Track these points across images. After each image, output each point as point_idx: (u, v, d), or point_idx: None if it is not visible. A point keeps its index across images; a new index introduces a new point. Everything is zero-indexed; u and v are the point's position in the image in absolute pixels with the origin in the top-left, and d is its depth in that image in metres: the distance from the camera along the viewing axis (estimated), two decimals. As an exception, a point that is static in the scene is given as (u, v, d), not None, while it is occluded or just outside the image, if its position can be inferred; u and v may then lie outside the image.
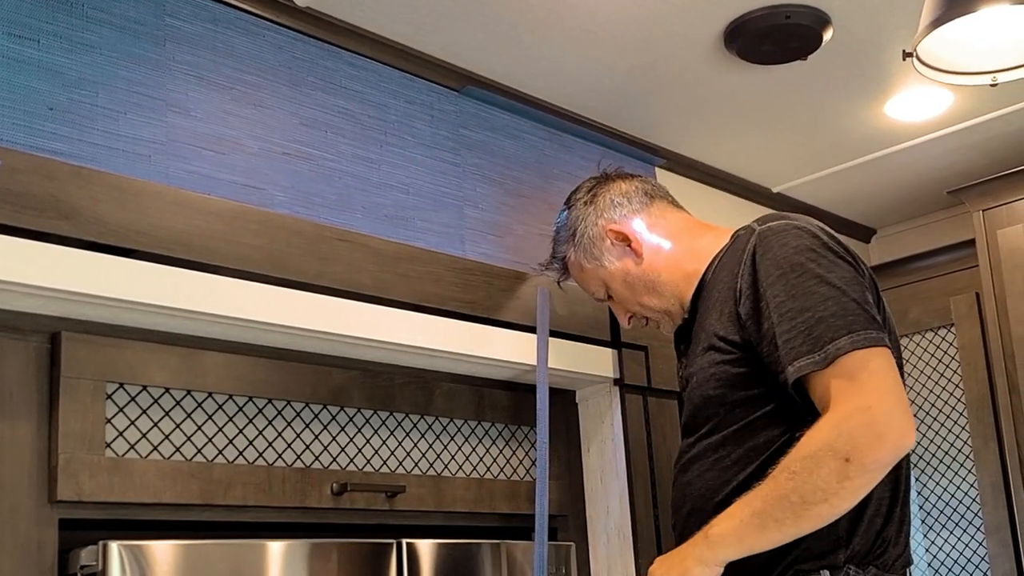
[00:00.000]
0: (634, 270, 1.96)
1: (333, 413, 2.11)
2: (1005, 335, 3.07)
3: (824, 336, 1.56)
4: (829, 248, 1.65)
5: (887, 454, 1.51)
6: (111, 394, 1.82)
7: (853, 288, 1.60)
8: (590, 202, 2.02)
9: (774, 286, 1.63)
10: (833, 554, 1.60)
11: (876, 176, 3.41)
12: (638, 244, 1.95)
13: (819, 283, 1.60)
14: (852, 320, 1.57)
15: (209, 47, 2.07)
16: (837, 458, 1.50)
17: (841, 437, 1.50)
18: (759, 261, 1.66)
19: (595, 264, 2.00)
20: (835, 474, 1.50)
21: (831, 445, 1.50)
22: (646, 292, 1.96)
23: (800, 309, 1.59)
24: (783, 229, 1.68)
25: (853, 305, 1.58)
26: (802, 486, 1.51)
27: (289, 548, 1.94)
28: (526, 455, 2.47)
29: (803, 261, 1.62)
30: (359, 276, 2.08)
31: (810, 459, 1.52)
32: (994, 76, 1.98)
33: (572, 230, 2.03)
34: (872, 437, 1.50)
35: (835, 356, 1.54)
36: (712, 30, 2.47)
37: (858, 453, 1.49)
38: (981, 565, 3.19)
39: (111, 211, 1.76)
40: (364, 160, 2.28)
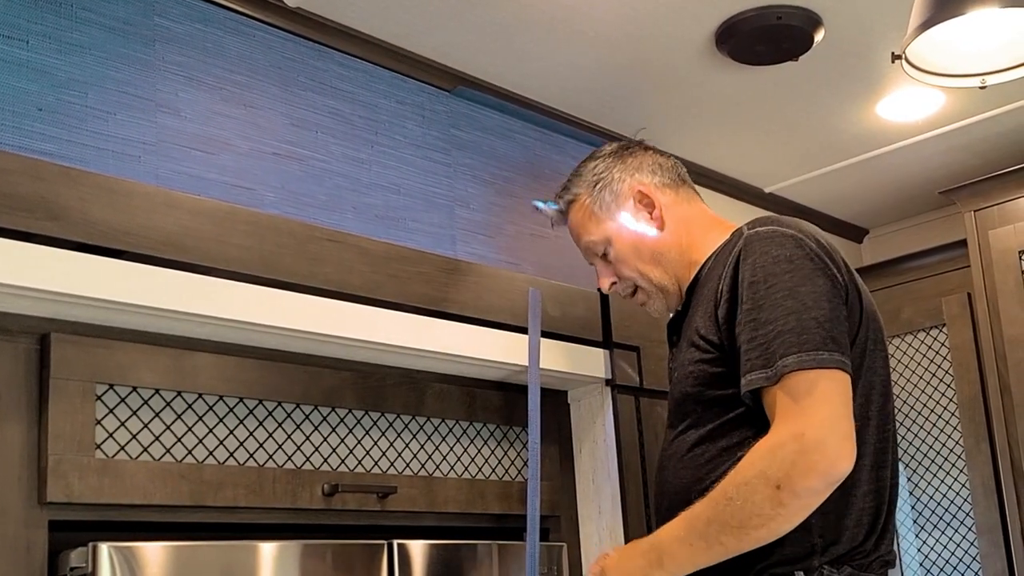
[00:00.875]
0: (647, 238, 1.92)
1: (324, 414, 2.11)
2: (997, 335, 3.08)
3: (777, 352, 1.57)
4: (810, 259, 1.64)
5: (817, 482, 1.52)
6: (101, 395, 1.81)
7: (821, 304, 1.59)
8: (621, 159, 1.97)
9: (746, 292, 1.64)
10: (808, 559, 1.61)
11: (868, 176, 3.42)
12: (659, 215, 1.91)
13: (786, 296, 1.60)
14: (807, 339, 1.56)
15: (199, 47, 2.07)
16: (769, 485, 1.52)
17: (773, 464, 1.53)
18: (741, 265, 1.67)
19: (608, 218, 1.95)
20: (768, 501, 1.53)
21: (764, 472, 1.53)
22: (651, 262, 1.92)
23: (764, 321, 1.60)
24: (768, 236, 1.67)
25: (813, 323, 1.57)
26: (739, 512, 1.55)
27: (280, 549, 1.93)
28: (518, 455, 2.47)
29: (777, 272, 1.62)
30: (350, 277, 2.08)
31: (745, 486, 1.55)
32: (983, 78, 1.99)
33: (595, 177, 1.97)
34: (803, 466, 1.51)
35: (782, 373, 1.55)
36: (703, 31, 2.47)
37: (789, 481, 1.51)
38: (973, 565, 3.19)
39: (100, 212, 1.75)
40: (355, 160, 2.28)
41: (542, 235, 2.65)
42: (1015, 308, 3.05)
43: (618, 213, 1.94)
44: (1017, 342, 3.03)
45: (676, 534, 1.63)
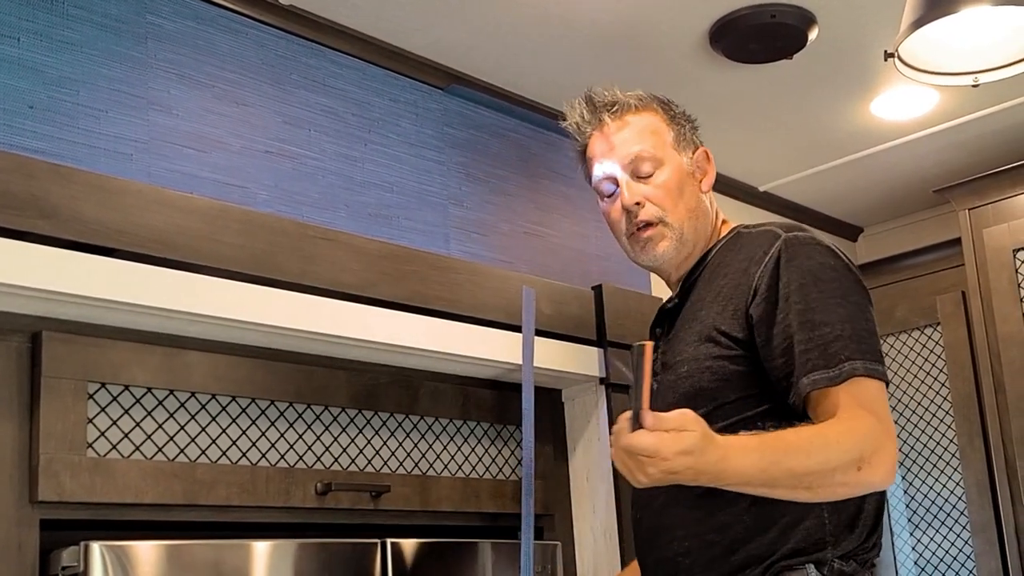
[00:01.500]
0: (696, 189, 1.86)
1: (317, 412, 2.11)
2: (991, 333, 3.08)
3: (840, 354, 1.58)
4: (849, 270, 1.68)
5: (881, 482, 1.54)
6: (93, 394, 1.80)
7: (868, 315, 1.64)
8: (691, 123, 1.91)
9: (796, 293, 1.63)
10: (819, 552, 1.61)
11: (862, 175, 3.42)
12: (709, 182, 1.88)
13: (839, 304, 1.62)
14: (867, 347, 1.60)
15: (191, 45, 2.06)
16: (856, 464, 1.51)
17: (868, 447, 1.52)
18: (784, 266, 1.66)
19: (675, 147, 1.85)
20: (845, 475, 1.51)
21: (860, 449, 1.52)
22: (688, 207, 1.82)
23: (820, 323, 1.60)
24: (810, 241, 1.70)
25: (866, 333, 1.61)
26: (820, 472, 1.50)
27: (273, 548, 1.93)
28: (512, 454, 2.47)
29: (827, 278, 1.64)
30: (343, 275, 2.07)
31: (843, 453, 1.51)
32: (976, 77, 1.99)
33: (674, 111, 1.89)
34: (883, 458, 1.53)
35: (849, 375, 1.56)
36: (698, 29, 2.47)
37: (868, 469, 1.52)
38: (967, 563, 3.19)
39: (92, 210, 1.75)
40: (348, 158, 2.28)
41: (536, 233, 2.64)
42: (1009, 306, 3.05)
43: (685, 150, 1.86)
44: (1011, 340, 3.03)
45: (747, 460, 1.48)
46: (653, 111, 1.88)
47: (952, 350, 3.28)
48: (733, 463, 1.47)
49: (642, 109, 1.87)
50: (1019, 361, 3.01)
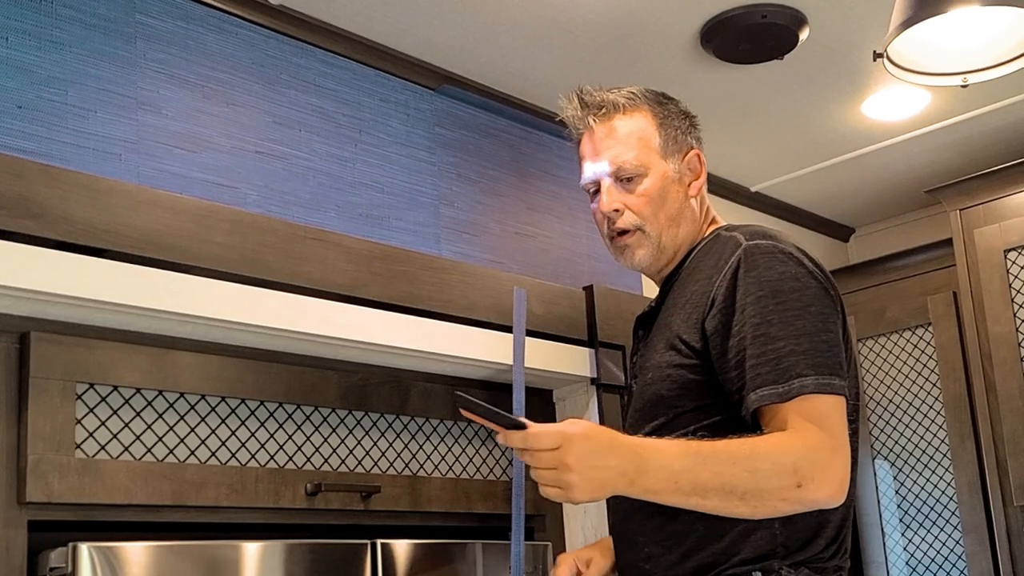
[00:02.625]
0: (679, 196, 1.81)
1: (307, 413, 2.10)
2: (982, 334, 3.09)
3: (792, 370, 1.55)
4: (813, 277, 1.63)
5: (826, 501, 1.52)
6: (81, 394, 1.80)
7: (829, 327, 1.60)
8: (691, 122, 1.86)
9: (752, 306, 1.60)
10: (767, 560, 1.61)
11: (854, 175, 3.42)
12: (699, 188, 1.84)
13: (797, 316, 1.59)
14: (822, 362, 1.56)
15: (180, 45, 2.06)
16: (794, 479, 1.50)
17: (806, 463, 1.50)
18: (741, 278, 1.63)
19: (661, 152, 1.80)
20: (783, 491, 1.50)
21: (797, 465, 1.50)
22: (668, 216, 1.80)
23: (774, 336, 1.58)
24: (771, 251, 1.65)
25: (824, 346, 1.58)
26: (752, 484, 1.49)
27: (263, 549, 1.92)
28: (502, 455, 2.47)
29: (786, 289, 1.61)
30: (333, 275, 2.07)
31: (775, 467, 1.50)
32: (965, 77, 1.99)
33: (667, 110, 1.83)
34: (827, 476, 1.51)
35: (798, 392, 1.54)
36: (689, 29, 2.47)
37: (810, 486, 1.50)
38: (958, 564, 3.20)
39: (81, 210, 1.74)
40: (338, 159, 2.27)
41: (527, 234, 2.64)
42: (1000, 307, 3.05)
43: (673, 156, 1.82)
44: (1002, 340, 3.04)
45: (666, 462, 1.50)
46: (643, 112, 1.84)
47: (943, 350, 3.29)
48: (653, 463, 1.48)
49: (632, 110, 1.83)
50: (1010, 361, 3.02)
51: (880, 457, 3.39)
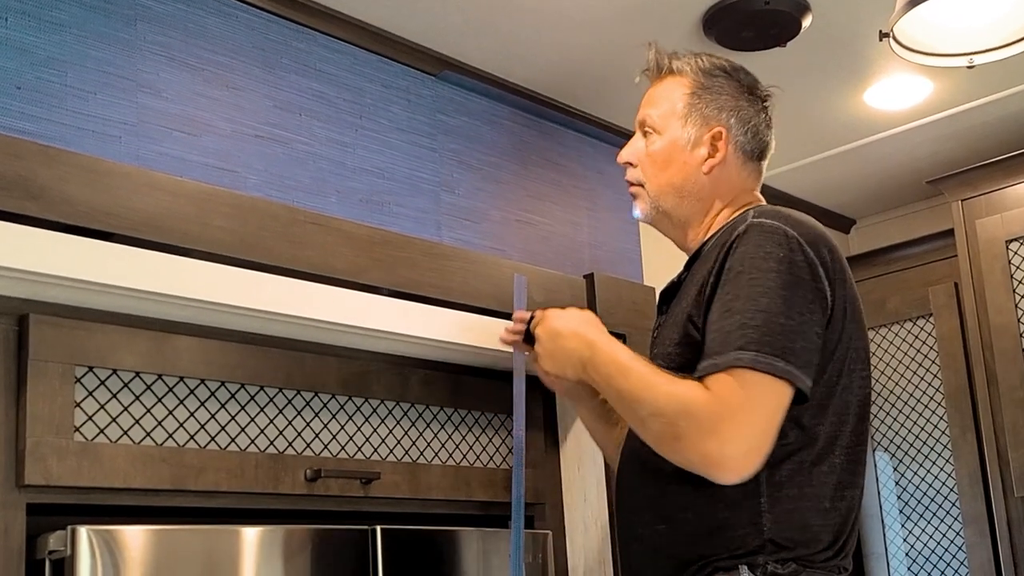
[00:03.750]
0: (687, 167, 1.83)
1: (307, 399, 2.09)
2: (983, 325, 3.08)
3: (736, 342, 1.55)
4: (800, 265, 1.60)
5: (701, 467, 1.55)
6: (80, 378, 1.79)
7: (794, 314, 1.57)
8: (745, 94, 1.85)
9: (732, 282, 1.61)
10: (753, 555, 1.61)
11: (855, 165, 3.41)
12: (714, 164, 1.82)
13: (763, 294, 1.57)
14: (770, 341, 1.54)
15: (181, 27, 2.04)
16: (672, 431, 1.56)
17: (686, 420, 1.54)
18: (733, 252, 1.64)
19: (682, 118, 1.83)
20: (661, 436, 1.59)
21: (677, 419, 1.55)
22: (670, 182, 1.84)
23: (736, 310, 1.58)
24: (768, 230, 1.63)
25: (779, 328, 1.55)
26: (646, 418, 1.61)
27: (262, 534, 1.92)
28: (503, 442, 2.46)
29: (764, 268, 1.59)
30: (333, 260, 2.06)
31: (660, 410, 1.58)
32: (971, 58, 1.98)
33: (712, 81, 1.83)
34: (699, 447, 1.53)
35: (732, 363, 1.54)
36: (691, 16, 2.46)
37: (684, 444, 1.55)
38: (958, 555, 3.19)
39: (80, 192, 1.73)
40: (339, 144, 2.26)
41: (528, 221, 2.63)
42: (1002, 297, 3.04)
43: (695, 127, 1.83)
44: (1003, 331, 3.03)
45: (606, 366, 1.69)
46: (685, 78, 1.86)
47: (944, 341, 3.28)
48: (599, 358, 1.70)
49: (679, 75, 1.87)
50: (1011, 352, 3.01)
51: (880, 448, 3.39)
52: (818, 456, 1.63)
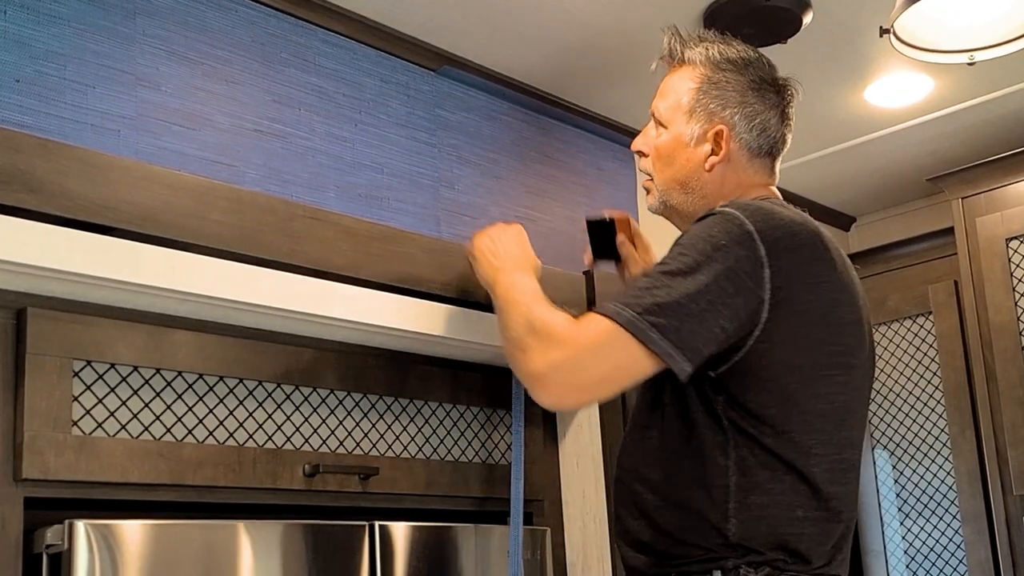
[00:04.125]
0: (691, 162, 1.84)
1: (305, 394, 2.09)
2: (983, 323, 3.08)
3: (628, 299, 1.60)
4: (738, 260, 1.59)
5: (528, 376, 1.68)
6: (78, 372, 1.79)
7: (705, 301, 1.57)
8: (756, 89, 1.83)
9: (668, 253, 1.66)
10: (722, 560, 1.62)
11: (856, 163, 3.41)
12: (716, 162, 1.82)
13: (683, 271, 1.59)
14: (653, 309, 1.57)
15: (180, 21, 2.04)
16: (523, 343, 1.69)
17: (540, 340, 1.66)
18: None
19: (687, 112, 1.84)
20: (511, 345, 1.75)
21: (530, 334, 1.69)
22: (674, 178, 1.85)
23: (651, 275, 1.63)
24: (728, 217, 1.63)
25: (674, 304, 1.57)
26: (508, 325, 1.78)
27: (260, 529, 1.91)
28: (501, 439, 2.46)
29: (699, 249, 1.60)
30: (332, 255, 2.05)
31: (527, 323, 1.72)
32: (971, 55, 1.98)
33: (722, 75, 1.82)
34: (531, 360, 1.66)
35: (610, 315, 1.59)
36: (691, 12, 2.46)
37: (522, 357, 1.69)
38: (957, 553, 3.19)
39: (78, 185, 1.73)
40: (338, 139, 2.26)
41: (527, 218, 2.63)
42: (1001, 296, 3.04)
43: (699, 122, 1.83)
44: (1003, 330, 3.03)
45: (502, 286, 1.89)
46: (695, 70, 1.85)
47: (944, 339, 3.28)
48: (502, 277, 1.91)
49: (690, 65, 1.86)
50: (1011, 350, 3.01)
51: (880, 446, 3.38)
52: (789, 464, 1.63)
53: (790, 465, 1.62)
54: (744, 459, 1.61)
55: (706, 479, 1.64)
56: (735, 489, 1.62)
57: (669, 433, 1.70)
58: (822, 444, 1.65)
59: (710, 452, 1.64)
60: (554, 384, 1.64)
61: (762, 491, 1.62)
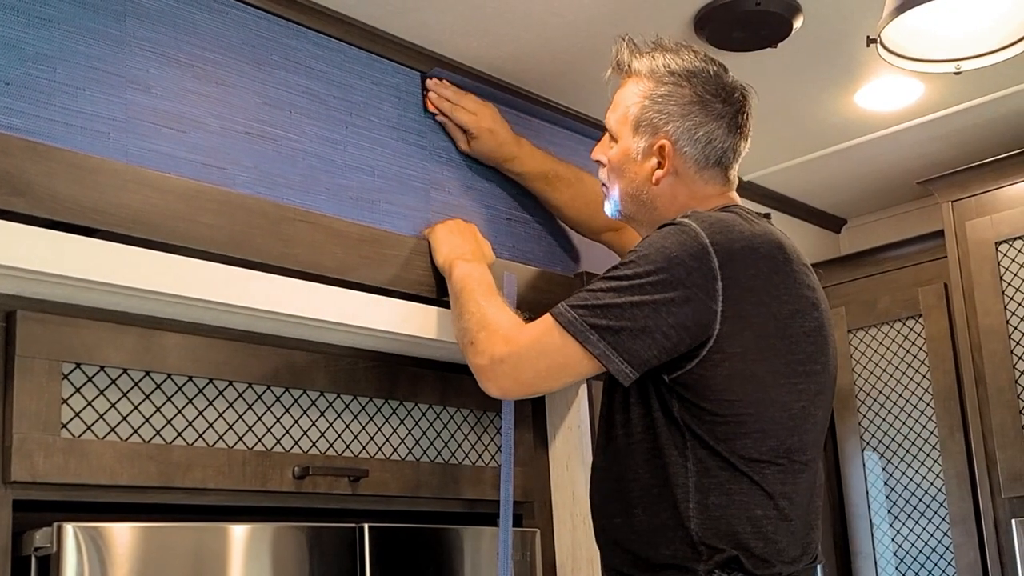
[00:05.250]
0: (640, 175, 1.88)
1: (295, 396, 2.09)
2: (972, 326, 3.08)
3: (574, 299, 1.72)
4: (688, 272, 1.64)
5: (476, 370, 1.82)
6: (67, 374, 1.79)
7: (645, 308, 1.64)
8: (699, 102, 1.84)
9: (622, 260, 1.72)
10: (693, 564, 1.66)
11: (846, 166, 3.41)
12: (661, 177, 1.86)
13: (631, 279, 1.66)
14: (592, 307, 1.67)
15: (171, 24, 2.04)
16: (473, 336, 1.83)
17: (489, 336, 1.79)
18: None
19: (635, 125, 1.88)
20: (462, 337, 1.89)
21: (481, 330, 1.82)
22: (625, 191, 1.91)
23: (600, 279, 1.71)
24: (682, 229, 1.68)
25: (616, 309, 1.65)
26: (459, 316, 1.93)
27: (250, 532, 1.92)
28: (491, 441, 2.46)
29: (651, 259, 1.66)
30: (322, 258, 2.06)
31: (479, 320, 1.85)
32: (958, 64, 1.99)
33: (665, 89, 1.85)
34: (478, 354, 1.80)
35: (554, 314, 1.70)
36: (682, 16, 2.46)
37: (471, 350, 1.83)
38: (945, 555, 3.20)
39: (68, 188, 1.73)
40: (329, 141, 2.26)
41: (518, 219, 2.64)
42: (991, 299, 3.05)
43: (644, 136, 1.87)
44: (992, 333, 3.04)
45: (454, 280, 2.02)
46: (644, 82, 1.89)
47: (934, 342, 3.28)
48: (457, 270, 2.03)
49: (639, 77, 1.90)
50: (1000, 354, 3.02)
51: (869, 448, 3.39)
52: (743, 467, 1.67)
53: (744, 469, 1.67)
54: (702, 460, 1.66)
55: (668, 479, 1.69)
56: (694, 490, 1.66)
57: (634, 434, 1.75)
58: (773, 449, 1.69)
59: (670, 453, 1.69)
60: (497, 378, 1.77)
61: (722, 491, 1.66)
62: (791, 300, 1.71)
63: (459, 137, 2.48)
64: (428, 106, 2.45)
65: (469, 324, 1.87)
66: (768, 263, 1.69)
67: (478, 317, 1.86)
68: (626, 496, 1.76)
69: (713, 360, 1.65)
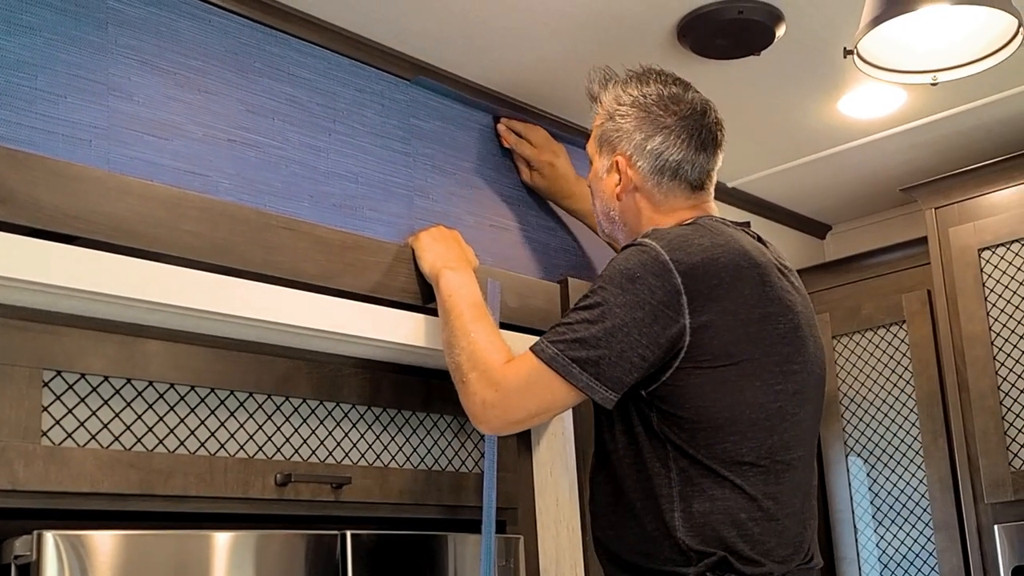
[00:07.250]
0: (608, 191, 2.00)
1: (277, 403, 2.09)
2: (955, 332, 3.10)
3: (552, 335, 1.77)
4: (652, 290, 1.72)
5: (468, 406, 1.89)
6: (48, 382, 1.78)
7: (618, 333, 1.71)
8: (648, 118, 1.96)
9: (591, 287, 1.80)
10: (684, 567, 1.72)
11: (830, 173, 3.43)
12: (618, 191, 1.97)
13: (601, 305, 1.73)
14: (570, 341, 1.74)
15: (153, 31, 2.04)
16: (465, 376, 1.88)
17: (480, 377, 1.85)
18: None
19: (598, 145, 2.02)
20: (455, 373, 1.93)
21: (471, 365, 1.87)
22: (600, 210, 2.03)
23: (574, 309, 1.78)
24: (639, 249, 1.76)
25: (592, 339, 1.72)
26: (453, 353, 1.95)
27: (232, 539, 1.91)
28: (475, 447, 2.46)
29: (616, 282, 1.75)
30: (305, 265, 2.06)
31: (469, 358, 1.89)
32: (935, 76, 2.00)
33: (614, 109, 1.99)
34: (470, 394, 1.87)
35: (535, 351, 1.79)
36: (665, 23, 2.47)
37: (464, 389, 1.88)
38: (929, 560, 3.21)
39: (49, 196, 1.73)
40: (312, 148, 2.26)
41: (502, 227, 2.64)
42: (974, 305, 3.06)
43: (605, 154, 2.00)
44: (975, 339, 3.05)
45: (444, 296, 2.04)
46: (604, 107, 2.02)
47: (917, 348, 3.30)
48: (443, 283, 2.05)
49: (601, 104, 2.04)
50: (983, 360, 3.03)
51: (853, 454, 3.40)
52: (725, 471, 1.72)
53: (724, 473, 1.73)
54: (684, 469, 1.73)
55: (653, 490, 1.75)
56: (678, 499, 1.72)
57: (619, 448, 1.82)
58: (753, 451, 1.74)
59: (653, 465, 1.76)
60: (488, 420, 1.86)
61: (705, 497, 1.72)
62: (760, 304, 1.77)
63: (522, 168, 2.64)
64: (501, 141, 2.66)
65: (460, 360, 1.91)
66: (731, 272, 1.75)
67: (468, 353, 1.90)
68: (617, 508, 1.83)
69: (685, 369, 1.73)
